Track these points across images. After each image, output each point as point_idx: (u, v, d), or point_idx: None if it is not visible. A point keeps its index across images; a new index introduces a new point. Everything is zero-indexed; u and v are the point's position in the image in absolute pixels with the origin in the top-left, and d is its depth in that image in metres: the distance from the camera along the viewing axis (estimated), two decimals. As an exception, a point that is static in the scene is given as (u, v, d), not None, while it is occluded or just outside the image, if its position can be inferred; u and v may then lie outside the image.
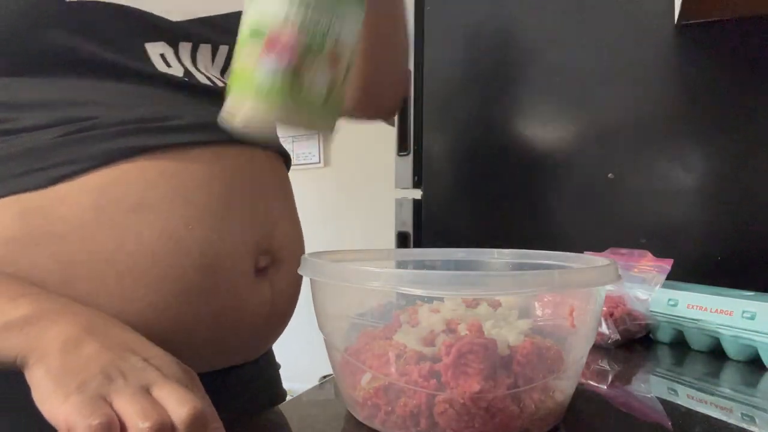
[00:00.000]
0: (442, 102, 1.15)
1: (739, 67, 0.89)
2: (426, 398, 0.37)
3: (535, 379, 0.38)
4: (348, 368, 0.42)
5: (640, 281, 0.68)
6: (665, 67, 0.95)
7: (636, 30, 0.97)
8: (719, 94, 0.90)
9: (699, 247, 0.90)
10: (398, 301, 0.43)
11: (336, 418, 0.42)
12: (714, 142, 0.90)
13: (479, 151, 1.11)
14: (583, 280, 0.38)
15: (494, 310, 0.42)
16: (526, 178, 1.05)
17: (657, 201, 0.93)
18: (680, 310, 0.65)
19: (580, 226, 1.00)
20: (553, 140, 1.03)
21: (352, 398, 0.41)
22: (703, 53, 0.92)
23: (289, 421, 0.41)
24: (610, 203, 0.97)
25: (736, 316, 0.60)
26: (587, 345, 0.42)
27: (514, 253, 0.56)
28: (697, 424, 0.43)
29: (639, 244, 0.92)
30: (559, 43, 1.03)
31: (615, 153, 0.98)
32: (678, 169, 0.93)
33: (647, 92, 0.96)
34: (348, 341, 0.42)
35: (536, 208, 1.04)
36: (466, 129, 1.13)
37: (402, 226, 1.16)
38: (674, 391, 0.51)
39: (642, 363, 0.61)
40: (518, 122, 1.07)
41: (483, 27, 1.11)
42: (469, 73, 1.13)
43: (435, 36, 1.15)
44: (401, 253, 0.70)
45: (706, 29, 0.91)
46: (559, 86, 1.03)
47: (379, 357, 0.39)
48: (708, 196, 0.91)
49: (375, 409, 0.39)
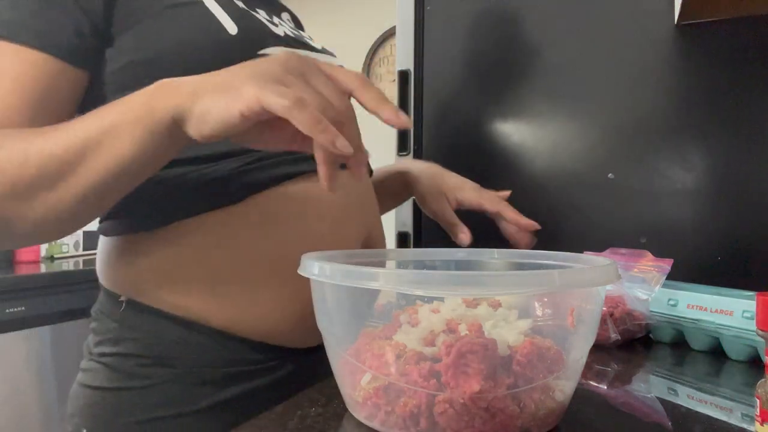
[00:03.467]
0: (442, 102, 1.15)
1: (739, 67, 0.89)
2: (426, 398, 0.37)
3: (535, 379, 0.38)
4: (348, 368, 0.42)
5: (640, 281, 0.68)
6: (665, 67, 0.95)
7: (636, 30, 0.97)
8: (719, 94, 0.90)
9: (699, 247, 0.90)
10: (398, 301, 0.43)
11: (336, 418, 0.42)
12: (714, 142, 0.90)
13: (479, 151, 1.11)
14: (584, 280, 0.38)
15: (494, 310, 0.42)
16: (526, 178, 1.05)
17: (657, 201, 0.93)
18: (680, 310, 0.65)
19: (580, 226, 1.00)
20: (553, 140, 1.03)
21: (352, 398, 0.41)
22: (703, 53, 0.92)
23: (289, 421, 0.41)
24: (610, 203, 0.97)
25: (736, 316, 0.60)
26: (587, 345, 0.42)
27: (514, 253, 0.56)
28: (697, 424, 0.43)
29: (639, 244, 0.92)
30: (559, 43, 1.03)
31: (615, 153, 0.98)
32: (678, 169, 0.92)
33: (647, 92, 0.96)
34: (348, 341, 0.42)
35: (536, 208, 1.04)
36: (466, 129, 1.13)
37: (402, 226, 1.17)
38: (674, 391, 0.51)
39: (642, 363, 0.61)
40: (518, 122, 1.07)
41: (483, 27, 1.11)
42: (469, 73, 1.13)
43: (435, 36, 1.15)
44: (401, 253, 0.70)
45: (706, 29, 0.91)
46: (559, 86, 1.03)
47: (379, 357, 0.39)
48: (708, 196, 0.91)
49: (375, 409, 0.39)
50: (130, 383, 0.54)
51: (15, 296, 1.53)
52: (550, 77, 1.04)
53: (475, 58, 1.12)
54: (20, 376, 1.52)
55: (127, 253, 0.56)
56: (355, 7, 2.70)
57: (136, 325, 0.55)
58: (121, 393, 0.54)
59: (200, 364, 0.55)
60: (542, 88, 1.05)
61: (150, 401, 0.53)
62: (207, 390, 0.54)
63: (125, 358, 0.55)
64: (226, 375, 0.55)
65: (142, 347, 0.55)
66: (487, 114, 1.10)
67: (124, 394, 0.54)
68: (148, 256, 0.55)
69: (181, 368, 0.54)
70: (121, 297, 0.56)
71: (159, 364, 0.54)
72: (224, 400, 0.55)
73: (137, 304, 0.56)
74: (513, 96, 1.08)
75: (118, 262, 0.57)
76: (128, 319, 0.56)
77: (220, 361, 0.55)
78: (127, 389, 0.54)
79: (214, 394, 0.54)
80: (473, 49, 1.12)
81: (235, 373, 0.55)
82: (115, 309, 0.56)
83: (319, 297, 0.44)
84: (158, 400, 0.53)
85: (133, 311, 0.56)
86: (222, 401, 0.55)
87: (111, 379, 0.55)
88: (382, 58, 2.63)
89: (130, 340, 0.55)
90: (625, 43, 0.97)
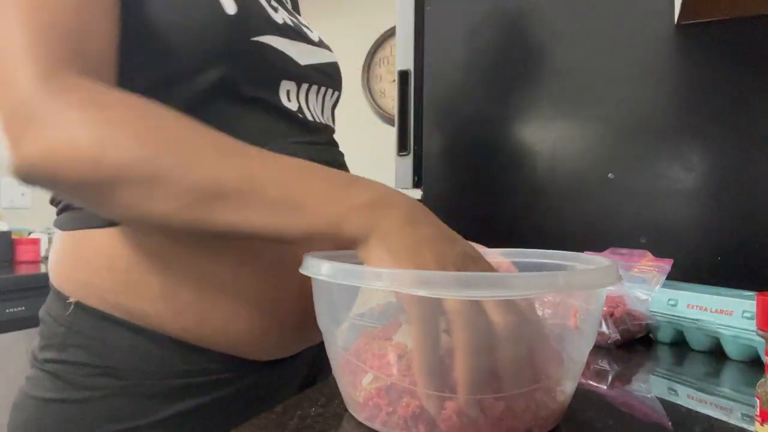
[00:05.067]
0: (442, 102, 1.15)
1: (739, 67, 0.89)
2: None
3: (536, 380, 0.38)
4: (348, 368, 0.42)
5: (640, 281, 0.68)
6: (665, 67, 0.95)
7: (636, 30, 0.97)
8: (719, 94, 0.90)
9: (699, 247, 0.90)
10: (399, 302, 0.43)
11: (336, 418, 0.42)
12: (714, 142, 0.90)
13: (479, 151, 1.11)
14: (586, 281, 0.38)
15: None
16: (526, 178, 1.05)
17: (657, 201, 0.93)
18: (680, 310, 0.65)
19: (580, 226, 1.00)
20: (553, 140, 1.03)
21: (352, 398, 0.41)
22: (703, 53, 0.92)
23: (289, 421, 0.41)
24: (610, 203, 0.97)
25: (736, 316, 0.60)
26: (588, 345, 0.42)
27: (514, 253, 0.56)
28: (697, 424, 0.43)
29: (639, 244, 0.92)
30: (559, 43, 1.03)
31: (615, 153, 0.98)
32: (678, 169, 0.93)
33: (647, 92, 0.96)
34: (348, 341, 0.42)
35: (536, 208, 1.04)
36: (466, 129, 1.13)
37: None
38: (674, 391, 0.51)
39: (642, 363, 0.61)
40: (518, 122, 1.07)
41: (483, 27, 1.11)
42: (469, 73, 1.13)
43: (435, 36, 1.15)
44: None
45: (706, 29, 0.91)
46: (559, 86, 1.03)
47: (380, 357, 0.39)
48: (708, 196, 0.91)
49: (376, 410, 0.39)
50: (75, 394, 0.49)
51: (15, 296, 1.53)
52: (550, 77, 1.04)
53: (475, 58, 1.12)
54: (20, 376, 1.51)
55: (81, 250, 0.52)
56: (355, 7, 2.70)
57: (84, 331, 0.50)
58: (65, 405, 0.50)
59: (152, 374, 0.50)
60: (542, 88, 1.05)
61: (96, 415, 0.49)
62: (160, 403, 0.50)
63: (71, 366, 0.50)
64: (181, 386, 0.51)
65: (90, 355, 0.50)
66: (487, 114, 1.10)
67: (69, 406, 0.49)
68: (102, 255, 0.51)
69: (130, 379, 0.50)
70: (69, 299, 0.52)
71: (107, 374, 0.49)
72: (179, 413, 0.51)
73: (86, 307, 0.51)
74: (513, 96, 1.08)
75: (71, 260, 0.52)
76: (75, 324, 0.51)
77: (174, 372, 0.51)
78: (72, 402, 0.49)
79: (169, 407, 0.50)
80: (473, 49, 1.12)
81: (191, 384, 0.51)
82: (63, 312, 0.52)
83: (322, 296, 0.44)
84: (105, 413, 0.49)
85: (81, 315, 0.51)
86: (177, 414, 0.50)
87: (56, 389, 0.50)
88: (382, 58, 2.62)
89: (76, 347, 0.50)
90: (625, 43, 0.97)
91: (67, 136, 0.40)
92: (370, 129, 2.52)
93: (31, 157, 0.41)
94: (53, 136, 0.40)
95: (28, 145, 0.40)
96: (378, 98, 2.57)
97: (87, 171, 0.40)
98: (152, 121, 0.43)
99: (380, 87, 2.59)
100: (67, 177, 0.41)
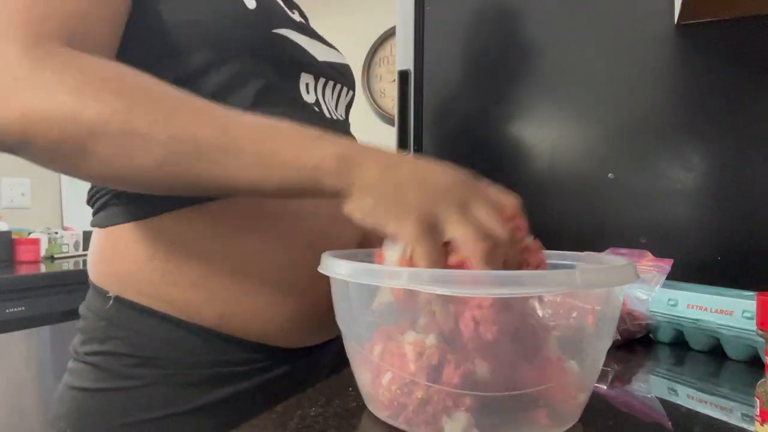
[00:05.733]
0: (442, 102, 1.15)
1: (739, 67, 0.89)
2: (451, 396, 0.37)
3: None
4: (368, 366, 0.42)
5: (640, 281, 0.68)
6: (665, 67, 0.95)
7: (636, 30, 0.97)
8: (719, 94, 0.90)
9: (699, 247, 0.90)
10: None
11: (336, 418, 0.42)
12: (714, 142, 0.90)
13: (479, 151, 1.11)
14: (605, 280, 0.38)
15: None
16: (526, 178, 1.05)
17: (657, 201, 0.93)
18: (680, 310, 0.65)
19: (580, 226, 1.00)
20: (553, 140, 1.03)
21: (372, 396, 0.42)
22: (703, 53, 0.92)
23: (289, 421, 0.41)
24: (610, 203, 0.97)
25: (736, 316, 0.60)
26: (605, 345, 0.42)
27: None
28: (697, 424, 0.43)
29: (639, 244, 0.92)
30: (559, 43, 1.03)
31: (615, 153, 0.98)
32: (678, 169, 0.92)
33: (647, 92, 0.96)
34: (367, 338, 0.42)
35: (536, 208, 1.04)
36: (466, 129, 1.13)
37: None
38: (674, 391, 0.51)
39: (642, 363, 0.61)
40: (518, 122, 1.07)
41: (482, 27, 1.11)
42: (469, 73, 1.13)
43: (435, 36, 1.15)
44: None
45: (706, 29, 0.91)
46: (559, 86, 1.03)
47: (400, 356, 0.39)
48: (708, 196, 0.91)
49: (400, 408, 0.39)
50: (117, 384, 0.52)
51: (15, 296, 1.53)
52: (550, 77, 1.04)
53: (475, 58, 1.12)
54: (20, 376, 1.52)
55: (121, 243, 0.55)
56: (355, 7, 2.69)
57: (124, 323, 0.54)
58: (107, 394, 0.53)
59: (189, 364, 0.53)
60: (542, 88, 1.05)
61: (137, 403, 0.52)
62: (197, 391, 0.53)
63: (112, 357, 0.53)
64: (216, 375, 0.54)
65: (130, 346, 0.53)
66: (487, 114, 1.10)
67: (111, 395, 0.52)
68: (142, 245, 0.54)
69: (169, 369, 0.53)
70: (109, 293, 0.55)
71: (147, 364, 0.53)
72: (215, 401, 0.53)
73: (125, 301, 0.54)
74: (513, 96, 1.08)
75: (110, 254, 0.55)
76: (116, 317, 0.54)
77: (210, 362, 0.54)
78: (113, 390, 0.52)
79: (204, 396, 0.53)
80: (473, 49, 1.12)
81: (226, 374, 0.54)
82: (103, 306, 0.55)
83: (341, 295, 0.44)
84: (146, 401, 0.52)
85: (120, 308, 0.54)
86: (212, 403, 0.53)
87: (97, 379, 0.53)
88: (382, 58, 2.62)
89: (117, 339, 0.53)
90: (625, 43, 0.97)
91: (45, 95, 0.41)
92: (370, 129, 2.52)
93: (7, 118, 0.41)
94: (31, 97, 0.41)
95: (6, 108, 0.41)
96: (378, 98, 2.57)
97: (65, 124, 0.41)
98: (131, 81, 0.44)
99: (380, 87, 2.59)
100: (44, 135, 0.41)
